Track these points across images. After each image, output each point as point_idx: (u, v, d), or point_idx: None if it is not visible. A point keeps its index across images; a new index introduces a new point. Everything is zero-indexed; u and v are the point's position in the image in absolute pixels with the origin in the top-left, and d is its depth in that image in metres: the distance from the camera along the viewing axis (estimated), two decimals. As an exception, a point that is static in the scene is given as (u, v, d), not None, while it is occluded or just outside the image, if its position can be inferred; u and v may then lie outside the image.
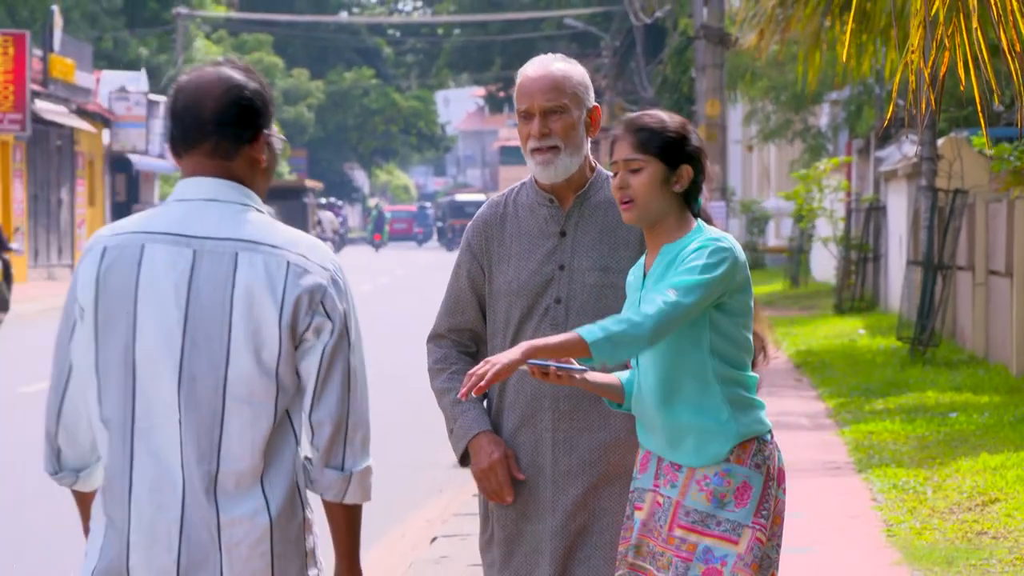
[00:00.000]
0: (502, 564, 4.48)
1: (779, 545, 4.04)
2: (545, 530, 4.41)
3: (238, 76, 3.52)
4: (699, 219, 4.13)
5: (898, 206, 22.96)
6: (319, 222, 60.05)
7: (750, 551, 3.93)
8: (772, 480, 4.00)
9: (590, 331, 3.88)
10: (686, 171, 4.07)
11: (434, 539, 8.75)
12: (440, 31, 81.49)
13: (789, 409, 13.78)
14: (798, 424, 12.91)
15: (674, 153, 4.06)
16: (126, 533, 3.48)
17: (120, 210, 47.50)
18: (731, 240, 4.04)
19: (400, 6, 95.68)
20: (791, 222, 30.63)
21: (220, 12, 63.13)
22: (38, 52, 39.56)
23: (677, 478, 3.98)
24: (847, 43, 8.23)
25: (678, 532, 3.95)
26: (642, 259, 4.16)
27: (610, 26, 59.28)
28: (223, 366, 3.42)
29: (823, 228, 27.08)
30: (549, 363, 3.95)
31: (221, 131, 3.50)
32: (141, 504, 3.47)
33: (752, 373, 4.07)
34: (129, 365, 3.45)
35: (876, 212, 24.58)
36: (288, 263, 3.44)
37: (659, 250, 4.06)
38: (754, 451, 3.99)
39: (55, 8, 40.83)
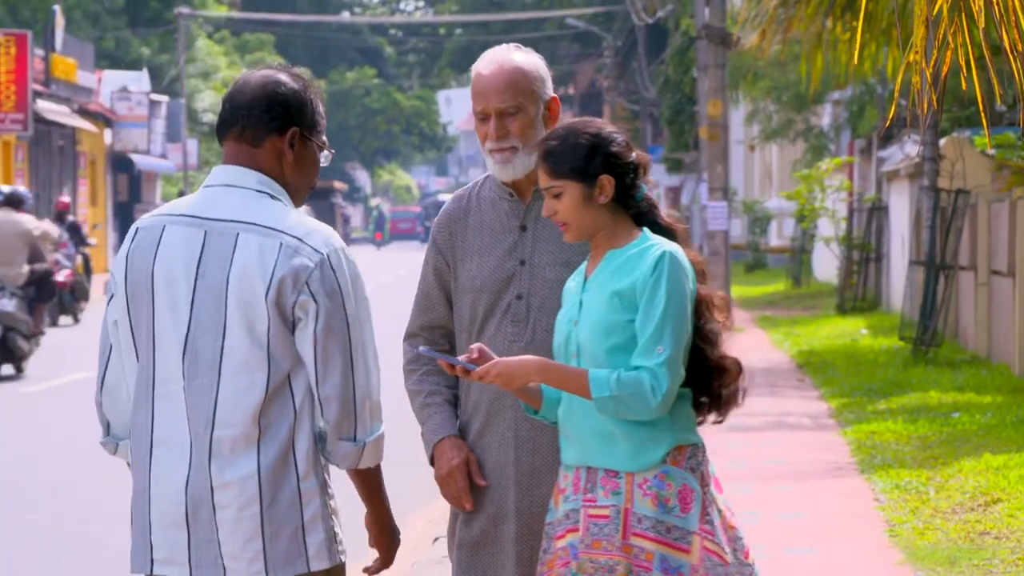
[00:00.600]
0: (468, 565, 4.41)
1: (739, 549, 4.02)
2: (510, 532, 4.34)
3: (281, 76, 3.84)
4: (644, 226, 4.07)
5: (900, 206, 22.94)
6: (346, 220, 62.18)
7: (702, 563, 3.93)
8: (707, 486, 4.01)
9: (599, 384, 3.90)
10: (607, 181, 4.02)
11: (436, 539, 8.75)
12: (442, 31, 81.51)
13: (791, 409, 13.76)
14: (800, 424, 12.90)
15: (588, 168, 4.01)
16: (147, 490, 3.78)
17: (122, 210, 47.49)
18: (672, 248, 4.00)
19: (402, 6, 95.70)
20: (793, 222, 30.62)
21: (222, 12, 63.13)
22: (40, 52, 39.56)
23: (618, 485, 3.96)
24: (857, 43, 8.20)
25: (634, 540, 3.92)
26: (582, 267, 4.13)
27: (612, 26, 59.28)
28: (220, 337, 3.70)
29: (825, 228, 27.07)
30: (455, 360, 4.00)
31: (249, 116, 3.79)
32: (158, 464, 3.75)
33: (684, 388, 4.03)
34: (150, 336, 3.76)
35: (878, 212, 24.56)
36: (281, 244, 3.70)
37: (603, 256, 4.05)
38: (688, 455, 4.01)
39: (57, 8, 40.83)
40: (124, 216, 46.92)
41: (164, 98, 51.28)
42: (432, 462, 4.43)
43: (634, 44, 53.03)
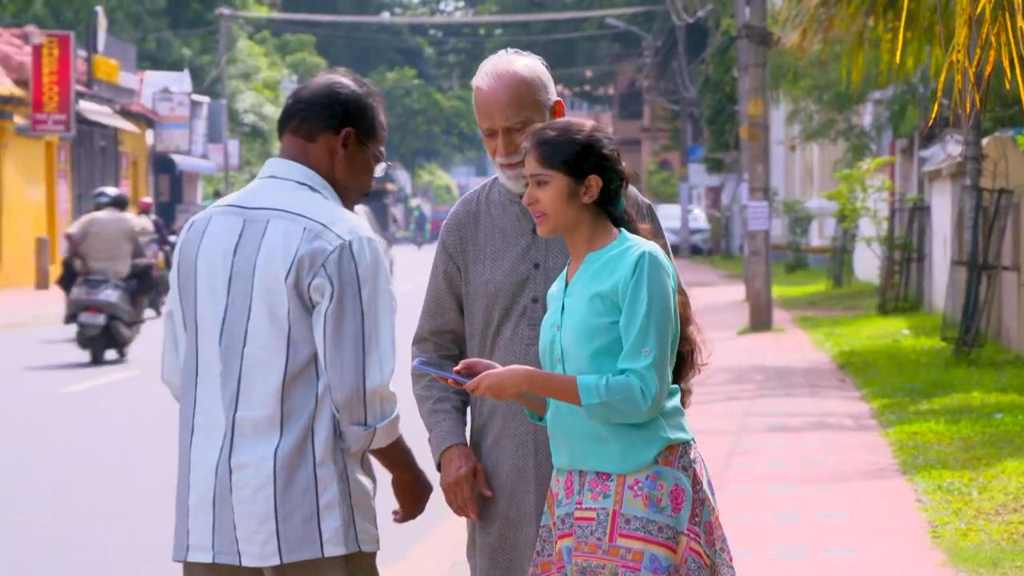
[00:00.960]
0: (488, 571, 4.37)
1: (724, 548, 4.03)
2: (530, 536, 4.31)
3: (344, 79, 3.98)
4: (623, 228, 4.07)
5: (942, 206, 22.83)
6: (395, 220, 64.40)
7: (684, 563, 3.93)
8: (699, 484, 4.01)
9: (588, 391, 3.90)
10: (594, 181, 4.03)
11: (476, 539, 8.74)
12: (482, 31, 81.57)
13: (832, 410, 13.72)
14: (842, 425, 12.85)
15: (580, 165, 4.02)
16: (187, 475, 3.85)
17: (163, 210, 47.69)
18: (652, 248, 4.01)
19: (442, 6, 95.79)
20: (834, 222, 30.50)
21: (263, 13, 63.33)
22: (82, 53, 39.77)
23: (608, 488, 3.96)
24: (899, 42, 8.18)
25: (621, 541, 3.92)
26: (563, 271, 4.13)
27: (652, 26, 59.18)
28: (246, 321, 3.78)
29: (866, 228, 26.95)
30: (447, 374, 4.01)
31: (308, 110, 3.90)
32: (197, 449, 3.83)
33: (673, 385, 4.04)
34: (194, 324, 3.86)
35: (920, 212, 24.45)
36: (305, 228, 3.78)
37: (583, 259, 4.05)
38: (680, 454, 4.00)
39: (99, 9, 41.03)
40: (166, 216, 47.12)
41: (205, 99, 51.48)
42: (439, 468, 4.38)
43: (674, 44, 52.94)
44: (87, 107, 38.33)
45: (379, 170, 3.97)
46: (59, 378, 17.60)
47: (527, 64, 4.34)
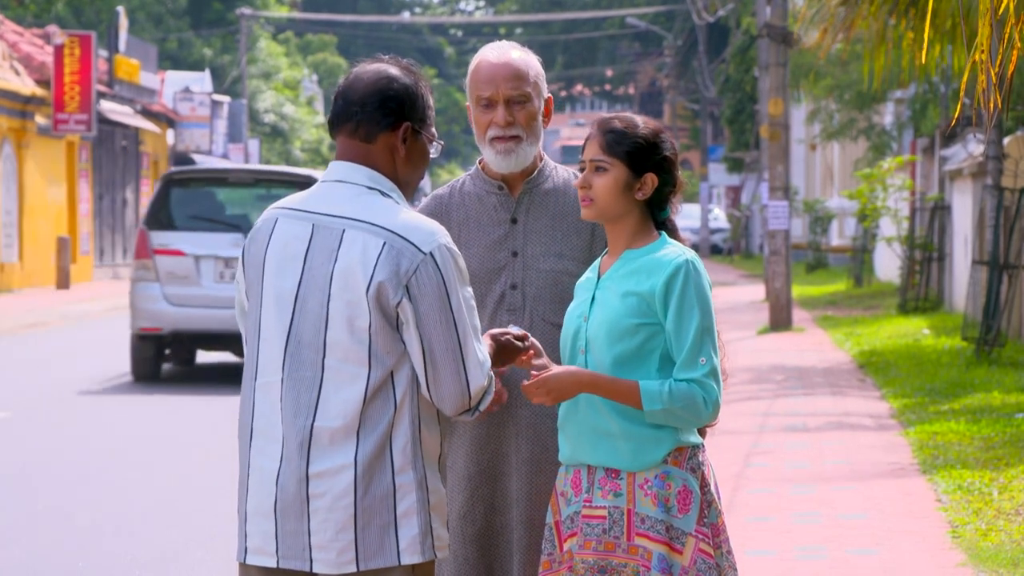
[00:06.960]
0: (476, 560, 4.39)
1: (730, 551, 4.07)
2: (513, 520, 4.36)
3: (393, 71, 3.87)
4: (663, 231, 4.11)
5: (963, 205, 22.78)
6: None
7: (694, 564, 3.96)
8: (707, 487, 4.04)
9: (651, 397, 3.94)
10: (650, 179, 4.06)
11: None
12: (502, 31, 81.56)
13: (853, 409, 13.70)
14: (862, 425, 12.84)
15: (641, 159, 4.05)
16: (247, 478, 3.84)
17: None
18: (691, 253, 4.05)
19: (462, 6, 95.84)
20: (855, 221, 30.45)
21: (284, 13, 63.44)
22: (104, 53, 39.88)
23: (620, 487, 3.99)
24: (924, 42, 8.17)
25: (639, 541, 3.97)
26: (596, 262, 4.15)
27: (672, 25, 59.16)
28: (323, 332, 3.74)
29: (887, 227, 26.91)
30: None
31: (363, 112, 3.83)
32: (256, 454, 3.82)
33: None
34: (256, 326, 3.83)
35: (941, 211, 24.39)
36: (385, 243, 3.74)
37: (620, 255, 4.08)
38: (689, 456, 4.03)
39: (120, 9, 41.13)
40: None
41: (226, 98, 51.57)
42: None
43: (695, 43, 52.92)
44: (108, 107, 38.42)
45: (434, 151, 3.95)
46: (77, 378, 17.65)
47: (529, 54, 4.50)
